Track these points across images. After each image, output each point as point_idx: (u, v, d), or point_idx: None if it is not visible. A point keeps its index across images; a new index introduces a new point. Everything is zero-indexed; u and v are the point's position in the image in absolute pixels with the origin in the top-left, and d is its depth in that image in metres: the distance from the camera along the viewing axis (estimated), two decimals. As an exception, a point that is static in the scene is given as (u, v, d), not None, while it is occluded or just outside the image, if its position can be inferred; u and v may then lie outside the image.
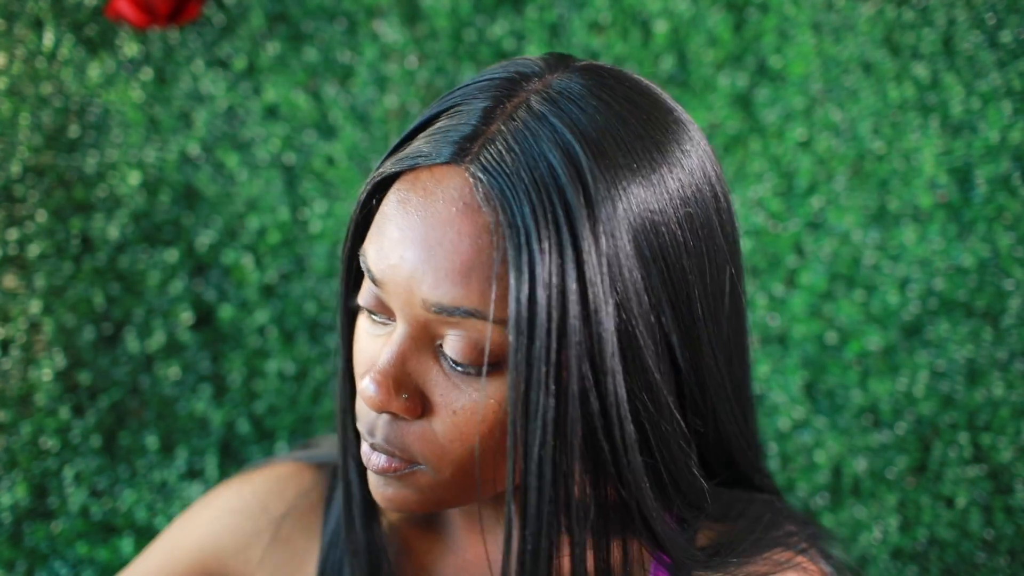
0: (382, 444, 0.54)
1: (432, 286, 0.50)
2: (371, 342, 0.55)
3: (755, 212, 1.06)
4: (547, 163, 0.50)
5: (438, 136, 0.53)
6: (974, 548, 1.03)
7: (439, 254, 0.50)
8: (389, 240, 0.52)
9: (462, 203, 0.50)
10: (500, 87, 0.54)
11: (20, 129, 1.03)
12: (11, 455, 1.02)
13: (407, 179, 0.53)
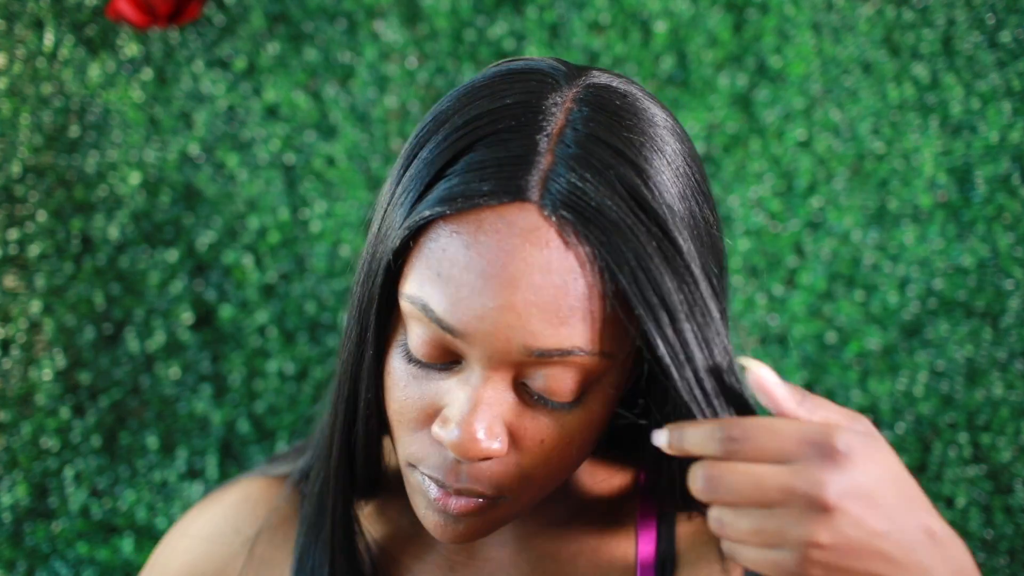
0: (468, 487, 0.53)
1: (534, 333, 0.49)
2: (424, 387, 0.53)
3: (755, 212, 1.06)
4: (621, 187, 0.49)
5: (489, 171, 0.50)
6: (974, 548, 1.03)
7: (537, 299, 0.49)
8: (467, 288, 0.49)
9: (549, 243, 0.49)
10: (527, 108, 0.52)
11: (20, 129, 1.04)
12: (11, 455, 1.02)
13: (467, 220, 0.50)
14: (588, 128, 0.51)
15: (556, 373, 0.51)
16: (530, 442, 0.53)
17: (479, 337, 0.49)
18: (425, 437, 0.54)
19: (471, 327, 0.49)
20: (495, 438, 0.51)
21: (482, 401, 0.51)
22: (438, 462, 0.53)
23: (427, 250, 0.51)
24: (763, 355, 1.06)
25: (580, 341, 0.50)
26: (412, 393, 0.54)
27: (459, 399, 0.51)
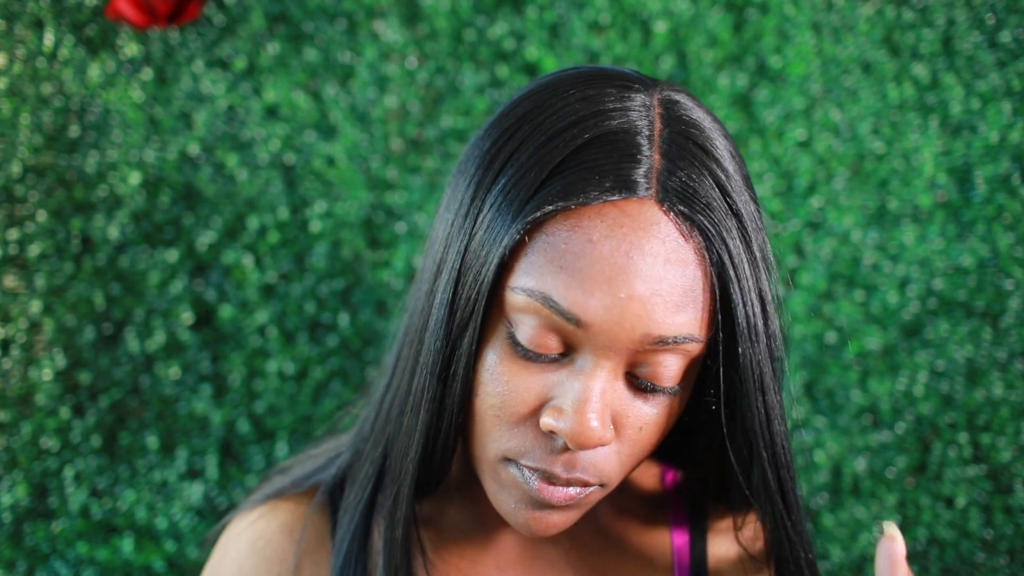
0: (577, 476, 0.55)
1: (656, 321, 0.52)
2: (530, 380, 0.54)
3: (755, 212, 1.06)
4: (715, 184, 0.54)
5: (606, 168, 0.53)
6: (974, 548, 1.03)
7: (660, 289, 0.52)
8: (592, 280, 0.52)
9: (669, 236, 0.53)
10: (625, 111, 0.55)
11: (20, 129, 1.04)
12: (11, 455, 1.02)
13: (588, 214, 0.52)
14: (680, 130, 0.55)
15: (665, 360, 0.54)
16: (631, 429, 0.56)
17: (604, 327, 0.52)
18: (528, 431, 0.55)
19: (598, 318, 0.52)
20: (607, 427, 0.54)
21: (596, 389, 0.53)
22: (544, 454, 0.55)
23: (545, 244, 0.53)
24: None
25: (693, 328, 0.54)
26: (517, 386, 0.55)
27: (573, 389, 0.53)
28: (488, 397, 0.56)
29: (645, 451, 0.58)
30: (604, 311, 0.52)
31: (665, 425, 0.57)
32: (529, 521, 0.57)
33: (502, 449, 0.56)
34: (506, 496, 0.57)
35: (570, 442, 0.53)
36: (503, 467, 0.57)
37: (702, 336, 0.54)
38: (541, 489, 0.55)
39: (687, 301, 0.53)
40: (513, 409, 0.55)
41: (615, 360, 0.53)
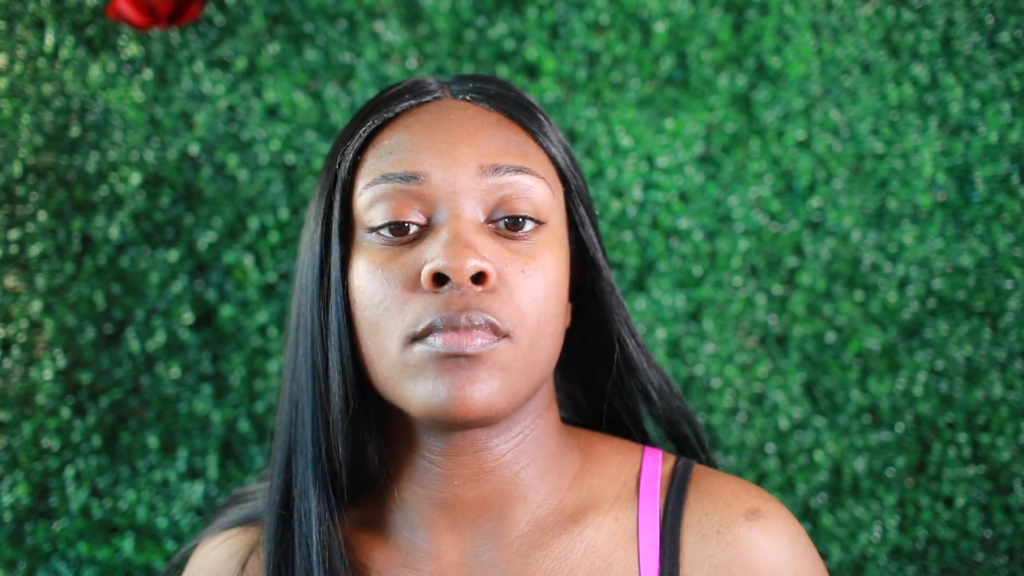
0: (474, 314, 0.56)
1: (488, 153, 0.60)
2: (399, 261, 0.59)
3: (755, 212, 1.06)
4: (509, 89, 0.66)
5: (404, 95, 0.65)
6: (973, 547, 1.03)
7: (479, 134, 0.61)
8: (420, 141, 0.61)
9: (470, 108, 0.64)
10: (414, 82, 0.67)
11: (21, 129, 1.04)
12: (12, 455, 1.02)
13: (399, 120, 0.64)
14: (469, 80, 0.67)
15: (513, 197, 0.60)
16: (512, 271, 0.59)
17: (440, 172, 0.59)
18: (417, 299, 0.57)
19: (432, 165, 0.59)
20: (481, 255, 0.57)
21: (460, 228, 0.58)
22: (438, 305, 0.56)
23: (373, 155, 0.62)
24: (763, 355, 1.06)
25: (522, 161, 0.61)
26: (391, 271, 0.58)
27: (437, 239, 0.58)
28: (370, 298, 0.59)
29: (541, 304, 0.59)
30: (436, 159, 0.59)
31: (551, 272, 0.61)
32: (451, 393, 0.55)
33: (401, 332, 0.57)
34: (424, 381, 0.56)
35: (450, 273, 0.55)
36: (409, 352, 0.57)
37: (541, 174, 0.62)
38: (448, 339, 0.56)
39: (511, 147, 0.62)
40: (397, 290, 0.58)
41: (468, 205, 0.59)
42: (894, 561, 1.04)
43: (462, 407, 0.55)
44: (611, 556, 0.62)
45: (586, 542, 0.62)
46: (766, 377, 1.05)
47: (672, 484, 0.64)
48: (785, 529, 0.63)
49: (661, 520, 0.63)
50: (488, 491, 0.62)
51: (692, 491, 0.64)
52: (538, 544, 0.62)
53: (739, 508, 0.62)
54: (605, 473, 0.66)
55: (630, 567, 0.61)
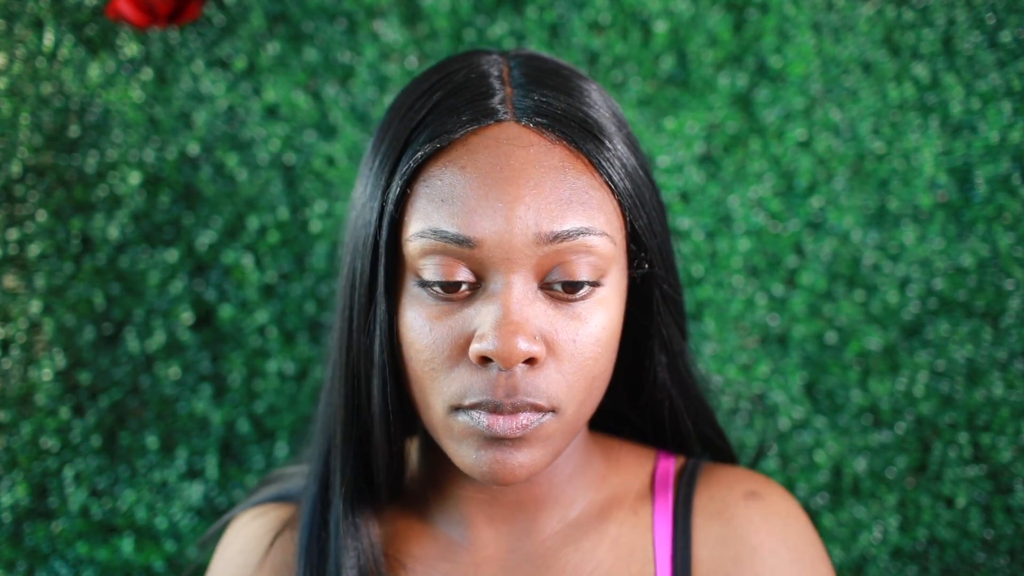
0: (520, 399, 0.55)
1: (546, 219, 0.55)
2: (450, 322, 0.56)
3: (755, 212, 1.06)
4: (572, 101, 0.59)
5: (461, 107, 0.58)
6: (974, 548, 1.03)
7: (540, 190, 0.55)
8: (473, 199, 0.55)
9: (533, 144, 0.57)
10: (474, 67, 0.60)
11: (20, 129, 1.03)
12: (11, 455, 1.02)
13: (454, 149, 0.57)
14: (530, 67, 0.60)
15: (571, 261, 0.56)
16: (564, 343, 0.56)
17: (496, 239, 0.54)
18: (463, 371, 0.56)
19: (487, 231, 0.54)
20: (532, 338, 0.54)
21: (512, 303, 0.54)
22: (484, 385, 0.55)
23: (425, 189, 0.56)
24: (763, 355, 1.06)
25: (585, 221, 0.56)
26: (439, 332, 0.56)
27: (489, 311, 0.55)
28: (418, 353, 0.57)
29: (591, 368, 0.58)
30: (491, 223, 0.54)
31: (602, 337, 0.58)
32: (493, 466, 0.56)
33: (446, 399, 0.56)
34: (465, 449, 0.57)
35: (498, 360, 0.53)
36: (453, 419, 0.57)
37: (603, 229, 0.57)
38: (491, 423, 0.55)
39: (574, 199, 0.56)
40: (444, 354, 0.56)
41: (522, 272, 0.55)
42: (895, 562, 1.04)
43: (505, 478, 0.57)
44: (632, 546, 0.65)
45: (611, 537, 0.66)
46: (766, 377, 1.05)
47: (683, 477, 0.69)
48: (781, 510, 0.67)
49: (673, 507, 0.67)
50: (525, 495, 0.65)
51: (702, 480, 0.69)
52: (568, 540, 0.66)
53: (740, 490, 0.68)
54: (625, 474, 0.70)
55: (647, 553, 0.65)
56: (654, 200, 0.62)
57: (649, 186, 0.62)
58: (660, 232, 0.63)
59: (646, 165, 0.63)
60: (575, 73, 0.62)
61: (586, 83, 0.62)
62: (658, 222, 0.63)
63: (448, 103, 0.58)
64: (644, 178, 0.61)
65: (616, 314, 0.59)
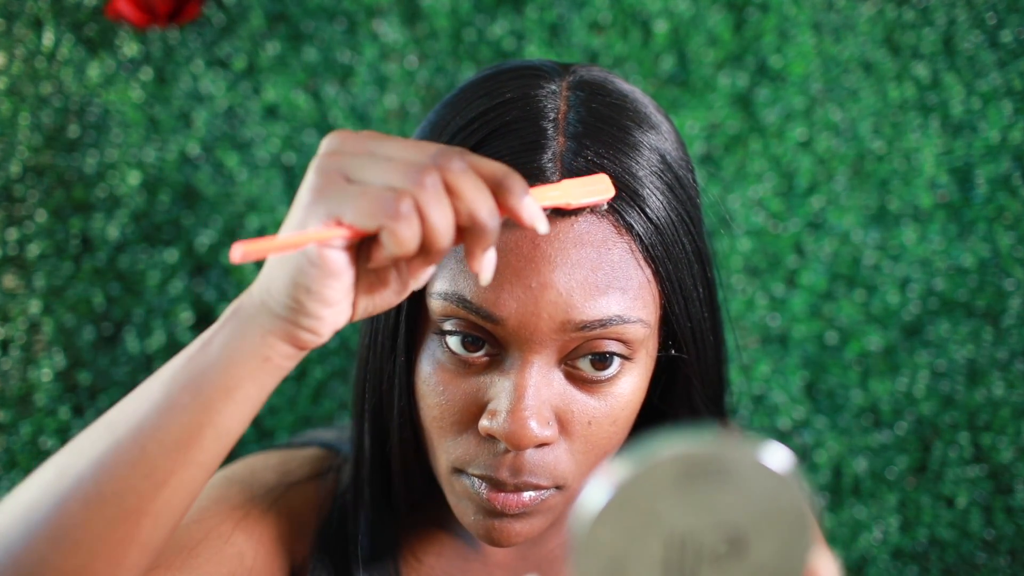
0: (524, 480, 0.52)
1: (575, 307, 0.50)
2: (464, 385, 0.53)
3: (755, 212, 1.06)
4: (629, 165, 0.53)
5: (505, 160, 0.51)
6: (974, 548, 1.03)
7: (575, 273, 0.50)
8: (503, 274, 0.50)
9: (580, 218, 0.51)
10: (528, 99, 0.54)
11: (20, 129, 1.03)
12: (11, 455, 1.02)
13: None
14: (588, 110, 0.54)
15: (599, 344, 0.52)
16: (578, 425, 0.53)
17: (521, 320, 0.50)
18: (471, 438, 0.53)
19: (512, 311, 0.50)
20: (545, 423, 0.51)
21: (528, 386, 0.51)
22: (488, 460, 0.53)
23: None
24: (763, 355, 1.06)
25: (618, 309, 0.51)
26: (452, 394, 0.53)
27: (505, 388, 0.51)
28: (428, 408, 0.55)
29: (603, 446, 0.55)
30: (518, 304, 0.50)
31: (620, 417, 0.55)
32: (490, 531, 0.54)
33: (450, 460, 0.55)
34: (464, 507, 0.56)
35: (507, 443, 0.51)
36: (455, 478, 0.55)
37: (637, 317, 0.52)
38: (491, 498, 0.53)
39: (610, 282, 0.51)
40: (452, 418, 0.53)
41: (545, 353, 0.51)
42: (895, 562, 1.04)
43: (501, 543, 0.55)
44: None
45: None
46: (766, 377, 1.05)
47: None
48: None
49: None
50: None
51: None
52: None
53: None
54: None
55: None
56: (700, 279, 0.57)
57: (696, 265, 0.57)
58: (698, 315, 0.57)
59: (699, 239, 0.57)
60: (638, 118, 0.55)
61: (647, 135, 0.55)
62: (698, 305, 0.57)
63: (493, 147, 0.52)
64: (692, 257, 0.56)
65: (638, 393, 0.56)
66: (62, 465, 0.46)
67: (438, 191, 0.41)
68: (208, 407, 0.45)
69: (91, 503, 0.44)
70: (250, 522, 0.61)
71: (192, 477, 0.46)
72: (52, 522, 0.44)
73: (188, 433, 0.45)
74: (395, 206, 0.40)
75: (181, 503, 0.46)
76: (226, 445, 0.46)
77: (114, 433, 0.45)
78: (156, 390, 0.46)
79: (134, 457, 0.45)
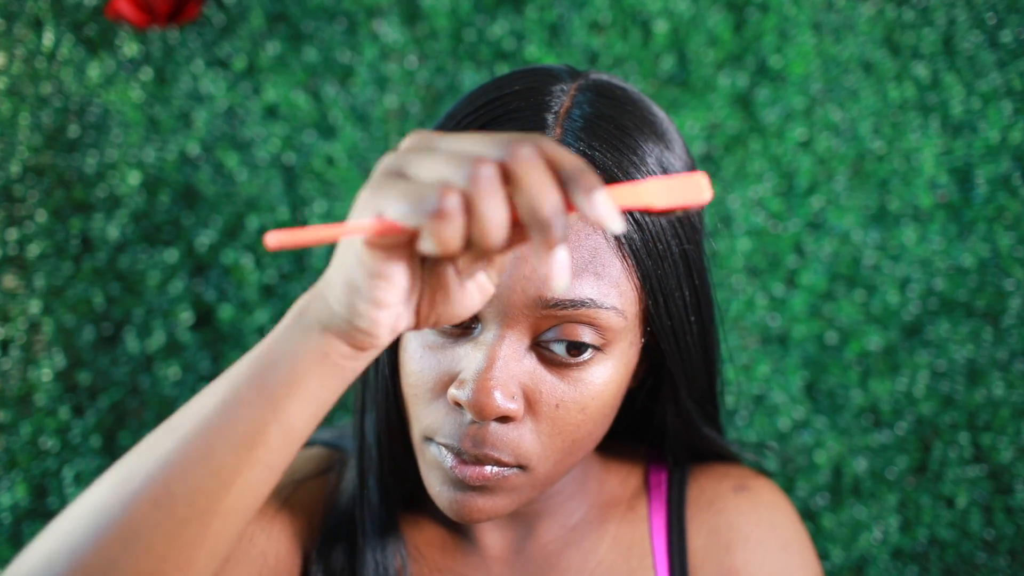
0: (486, 452, 0.53)
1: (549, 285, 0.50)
2: (440, 356, 0.54)
3: (755, 212, 1.06)
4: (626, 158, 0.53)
5: None
6: (974, 548, 1.03)
7: None
8: None
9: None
10: (535, 92, 0.55)
11: (20, 129, 1.03)
12: (11, 455, 1.02)
13: None
14: (593, 108, 0.55)
15: (570, 329, 0.53)
16: (546, 406, 0.54)
17: (496, 292, 0.51)
18: (441, 406, 0.55)
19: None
20: (510, 397, 0.52)
21: (497, 358, 0.52)
22: (453, 428, 0.54)
23: None
24: (763, 355, 1.06)
25: (591, 293, 0.52)
26: (428, 363, 0.55)
27: (475, 359, 0.53)
28: (406, 377, 0.56)
29: (571, 433, 0.55)
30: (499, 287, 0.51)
31: (589, 405, 0.55)
32: (453, 504, 0.55)
33: (422, 428, 0.56)
34: (432, 478, 0.57)
35: (471, 411, 0.52)
36: (425, 447, 0.56)
37: (611, 304, 0.53)
38: (454, 467, 0.54)
39: (586, 267, 0.52)
40: (426, 385, 0.55)
41: (517, 328, 0.53)
42: (895, 562, 1.04)
43: (465, 517, 0.56)
44: (631, 541, 0.67)
45: (611, 535, 0.67)
46: (766, 377, 1.05)
47: (676, 473, 0.70)
48: (768, 500, 0.69)
49: (667, 502, 0.68)
50: (526, 510, 0.66)
51: (693, 475, 0.70)
52: (570, 542, 0.67)
53: (729, 482, 0.70)
54: (621, 473, 0.71)
55: (645, 547, 0.67)
56: (686, 282, 0.58)
57: (681, 266, 0.57)
58: (679, 315, 0.58)
59: (688, 243, 0.58)
60: (643, 123, 0.56)
61: (649, 141, 0.55)
62: (681, 305, 0.58)
63: (492, 129, 0.54)
64: (678, 259, 0.56)
65: (611, 385, 0.56)
66: (130, 466, 0.45)
67: (491, 184, 0.38)
68: (272, 403, 0.44)
69: (161, 503, 0.44)
70: (265, 521, 0.62)
71: (259, 478, 0.45)
72: (123, 523, 0.44)
73: (254, 429, 0.44)
74: (437, 201, 0.37)
75: (249, 504, 0.46)
76: (293, 445, 0.46)
77: (182, 431, 0.45)
78: (222, 387, 0.46)
79: (202, 454, 0.44)
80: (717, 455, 0.72)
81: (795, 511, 0.71)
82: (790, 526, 0.69)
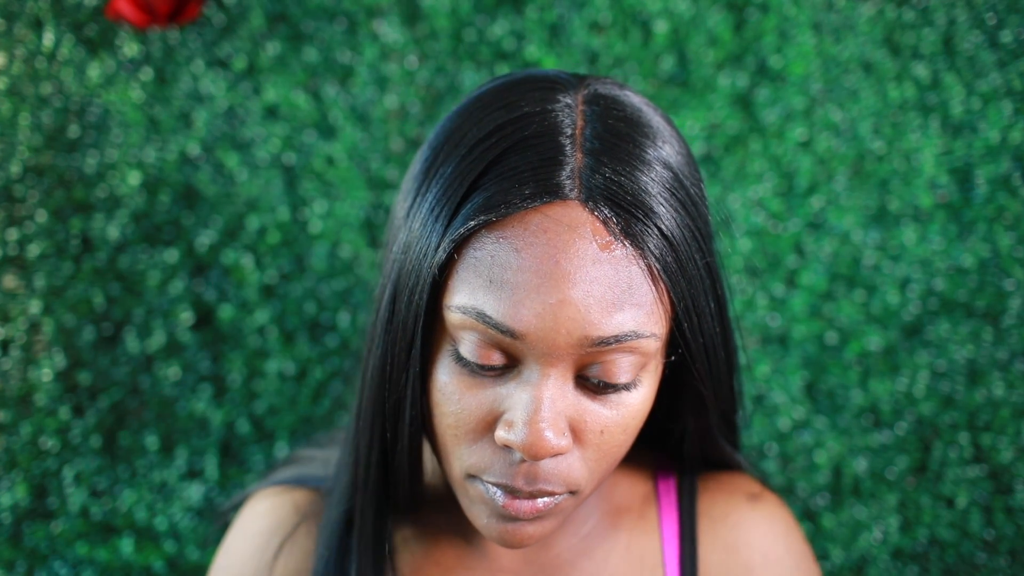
0: (539, 488, 0.54)
1: (592, 323, 0.51)
2: (481, 395, 0.54)
3: (755, 212, 1.06)
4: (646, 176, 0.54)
5: (525, 175, 0.53)
6: (974, 548, 1.03)
7: (592, 290, 0.51)
8: (523, 290, 0.51)
9: (597, 235, 0.52)
10: (545, 113, 0.55)
11: (20, 129, 1.03)
12: (11, 455, 1.02)
13: (511, 224, 0.52)
14: (604, 125, 0.55)
15: (613, 359, 0.53)
16: (591, 434, 0.55)
17: (540, 335, 0.51)
18: (486, 446, 0.55)
19: (531, 326, 0.51)
20: (561, 434, 0.53)
21: (545, 399, 0.52)
22: (504, 468, 0.54)
23: (473, 260, 0.52)
24: (763, 355, 1.06)
25: (633, 325, 0.53)
26: (469, 403, 0.54)
27: (522, 400, 0.53)
28: (443, 416, 0.56)
29: (614, 453, 0.57)
30: (537, 319, 0.51)
31: (630, 425, 0.56)
32: (503, 535, 0.56)
33: (465, 466, 0.56)
34: (478, 511, 0.57)
35: (524, 454, 0.52)
36: (470, 483, 0.56)
37: (650, 331, 0.53)
38: (507, 504, 0.54)
39: (625, 298, 0.52)
40: (468, 426, 0.54)
41: (561, 366, 0.53)
42: (895, 562, 1.04)
43: (514, 545, 0.57)
44: (642, 552, 0.67)
45: (623, 545, 0.67)
46: (766, 377, 1.05)
47: (684, 480, 0.70)
48: (779, 513, 0.70)
49: (679, 511, 0.68)
50: None
51: (702, 484, 0.70)
52: (582, 552, 0.66)
53: (741, 493, 0.70)
54: (629, 479, 0.71)
55: (656, 558, 0.67)
56: (711, 293, 0.58)
57: (707, 280, 0.57)
58: (709, 330, 0.58)
59: (708, 254, 0.58)
60: (654, 132, 0.56)
61: (662, 150, 0.56)
62: (710, 319, 0.58)
63: (512, 162, 0.53)
64: (703, 272, 0.57)
65: (647, 402, 0.57)
66: None
67: None
68: None
69: None
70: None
71: None
72: None
73: None
74: None
75: None
76: None
77: None
78: None
79: None
80: (725, 464, 0.72)
81: (799, 525, 0.72)
82: (802, 544, 0.70)
